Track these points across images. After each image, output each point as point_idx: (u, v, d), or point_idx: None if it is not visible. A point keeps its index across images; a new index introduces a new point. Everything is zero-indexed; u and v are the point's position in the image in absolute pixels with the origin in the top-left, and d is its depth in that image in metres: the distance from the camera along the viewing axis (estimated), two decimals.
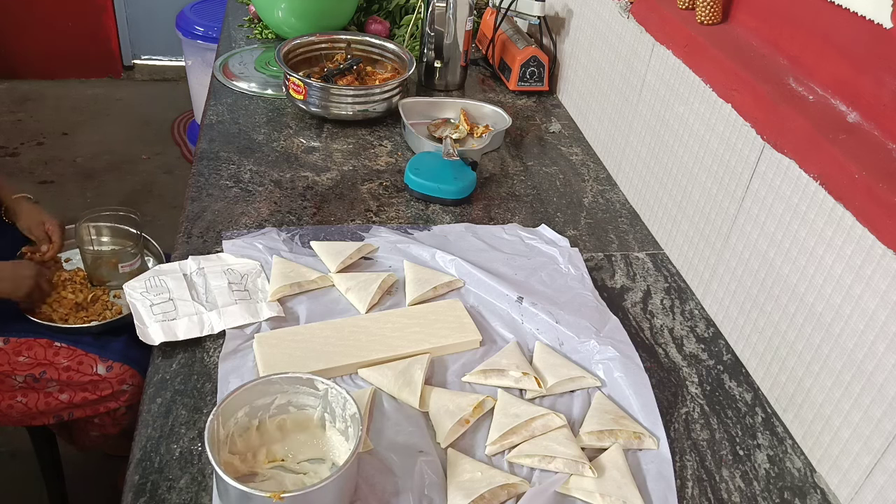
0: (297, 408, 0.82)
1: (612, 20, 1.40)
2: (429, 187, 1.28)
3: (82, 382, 1.35)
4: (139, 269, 1.43)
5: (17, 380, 1.33)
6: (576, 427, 0.89)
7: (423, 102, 1.59)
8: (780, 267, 0.94)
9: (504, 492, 0.80)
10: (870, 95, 0.84)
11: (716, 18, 1.11)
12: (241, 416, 0.79)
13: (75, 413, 1.38)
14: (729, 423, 0.94)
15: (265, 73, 1.72)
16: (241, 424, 0.80)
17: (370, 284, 1.05)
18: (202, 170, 1.33)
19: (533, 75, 1.70)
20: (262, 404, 0.80)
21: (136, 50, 3.89)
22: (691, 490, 0.84)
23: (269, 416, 0.81)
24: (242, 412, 0.79)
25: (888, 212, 0.75)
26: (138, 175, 3.09)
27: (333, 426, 0.82)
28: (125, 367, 1.36)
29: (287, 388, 0.81)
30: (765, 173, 0.96)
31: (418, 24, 1.85)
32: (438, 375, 0.96)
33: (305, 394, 0.81)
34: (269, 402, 0.81)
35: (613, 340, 1.00)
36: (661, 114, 1.22)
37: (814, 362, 0.88)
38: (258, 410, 0.80)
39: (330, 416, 0.82)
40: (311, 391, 0.80)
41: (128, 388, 1.37)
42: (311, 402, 0.82)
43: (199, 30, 2.81)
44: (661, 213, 1.25)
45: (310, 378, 0.79)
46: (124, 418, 1.45)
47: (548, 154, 1.51)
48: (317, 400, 0.81)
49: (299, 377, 0.79)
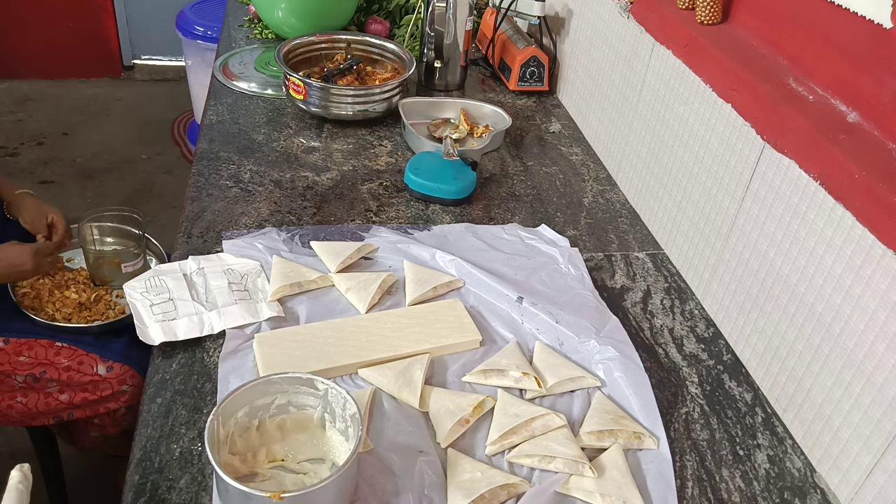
0: (298, 408, 0.82)
1: (612, 20, 1.40)
2: (429, 187, 1.28)
3: (82, 383, 1.35)
4: (142, 269, 1.43)
5: (17, 380, 1.33)
6: (576, 427, 0.89)
7: (423, 102, 1.59)
8: (780, 267, 0.94)
9: (504, 492, 0.80)
10: (870, 95, 0.84)
11: (716, 18, 1.11)
12: (242, 416, 0.79)
13: (75, 413, 1.38)
14: (729, 423, 0.94)
15: (265, 73, 1.72)
16: (241, 424, 0.80)
17: (370, 284, 1.05)
18: (202, 170, 1.33)
19: (533, 75, 1.70)
20: (262, 404, 0.80)
21: (136, 50, 3.89)
22: (691, 490, 0.84)
23: (269, 416, 0.81)
24: (242, 412, 0.79)
25: (888, 212, 0.75)
26: (138, 175, 3.09)
27: (333, 426, 0.82)
28: (125, 367, 1.36)
29: (287, 388, 0.81)
30: (765, 173, 0.96)
31: (418, 24, 1.85)
32: (438, 375, 0.96)
33: (305, 394, 0.81)
34: (269, 402, 0.81)
35: (613, 340, 1.00)
36: (661, 114, 1.22)
37: (814, 362, 0.88)
38: (258, 410, 0.80)
39: (330, 417, 0.82)
40: (312, 391, 0.80)
41: (128, 389, 1.37)
42: (312, 402, 0.82)
43: (199, 30, 2.81)
44: (661, 213, 1.25)
45: (310, 378, 0.79)
46: (124, 419, 1.45)
47: (548, 154, 1.51)
48: (317, 400, 0.81)
49: (299, 377, 0.79)
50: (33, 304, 1.38)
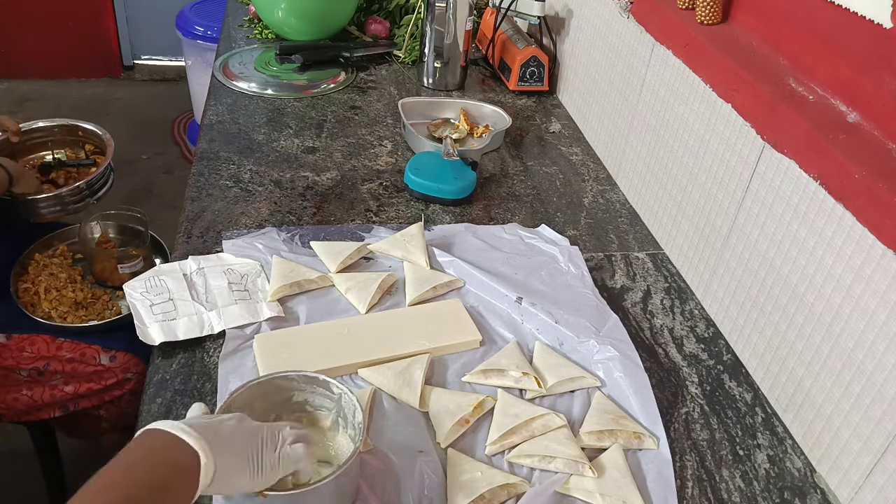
0: (314, 408, 0.82)
1: (612, 20, 1.40)
2: (429, 187, 1.28)
3: (87, 373, 1.35)
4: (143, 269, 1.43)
5: (21, 374, 1.34)
6: (576, 427, 0.89)
7: (423, 102, 1.59)
8: (780, 267, 0.94)
9: (504, 492, 0.80)
10: (870, 95, 0.84)
11: (716, 18, 1.11)
12: (258, 408, 0.78)
13: (81, 403, 1.39)
14: (729, 423, 0.94)
15: (265, 73, 1.72)
16: (257, 416, 0.79)
17: (370, 284, 1.05)
18: (202, 170, 1.33)
19: (533, 75, 1.70)
20: (280, 400, 0.80)
21: (136, 50, 3.89)
22: (691, 490, 0.84)
23: (286, 411, 0.81)
24: (259, 404, 0.79)
25: (888, 212, 0.75)
26: (138, 175, 3.08)
27: (346, 432, 0.81)
28: (128, 355, 1.37)
29: (304, 387, 0.81)
30: (765, 173, 0.96)
31: (418, 24, 1.85)
32: (438, 375, 0.96)
33: (322, 395, 0.81)
34: (287, 398, 0.81)
35: (613, 340, 1.00)
36: (661, 114, 1.22)
37: (814, 362, 0.88)
38: (276, 405, 0.80)
39: (343, 422, 0.81)
40: (328, 393, 0.81)
41: (132, 377, 1.38)
42: (328, 404, 0.82)
43: (199, 30, 2.81)
44: (661, 213, 1.25)
45: (326, 380, 0.79)
46: (129, 406, 1.45)
47: (548, 154, 1.51)
48: (332, 403, 0.81)
49: (317, 377, 0.80)
50: (32, 301, 1.38)
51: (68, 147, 1.62)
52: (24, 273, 1.44)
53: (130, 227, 1.55)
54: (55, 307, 1.38)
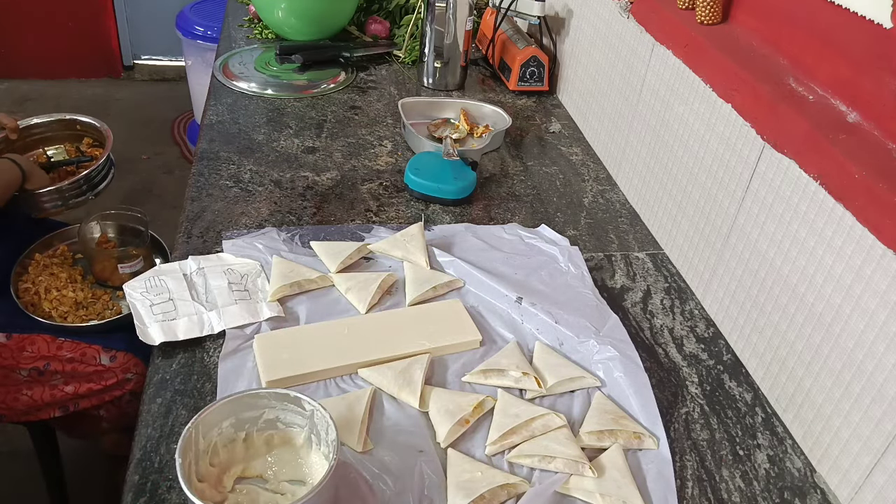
0: (286, 425, 0.79)
1: (612, 20, 1.40)
2: (429, 187, 1.28)
3: (87, 373, 1.35)
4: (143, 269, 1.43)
5: (21, 374, 1.34)
6: (576, 427, 0.89)
7: (423, 102, 1.59)
8: (780, 267, 0.94)
9: (504, 492, 0.80)
10: (870, 95, 0.84)
11: (716, 18, 1.11)
12: (227, 427, 0.76)
13: (81, 403, 1.39)
14: (729, 423, 0.94)
15: (265, 73, 1.72)
16: (225, 435, 0.77)
17: (370, 284, 1.05)
18: (202, 170, 1.33)
19: (533, 75, 1.70)
20: (249, 417, 0.77)
21: (136, 50, 3.89)
22: (691, 490, 0.84)
23: (256, 429, 0.79)
24: (228, 423, 0.76)
25: (888, 212, 0.75)
26: (138, 175, 3.08)
27: (319, 449, 0.79)
28: (128, 355, 1.37)
29: (275, 404, 0.78)
30: (765, 173, 0.96)
31: (418, 24, 1.85)
32: (438, 375, 0.96)
33: (293, 412, 0.78)
34: (256, 416, 0.78)
35: (613, 340, 1.00)
36: (661, 114, 1.22)
37: (814, 362, 0.88)
38: (245, 423, 0.78)
39: (316, 439, 0.78)
40: (299, 410, 0.77)
41: (132, 377, 1.38)
42: (300, 420, 0.79)
43: (199, 30, 2.81)
44: (661, 213, 1.25)
45: (297, 396, 0.76)
46: (130, 406, 1.45)
47: (548, 154, 1.51)
48: (304, 420, 0.78)
49: (287, 394, 0.76)
50: (32, 300, 1.38)
51: (67, 142, 1.62)
52: (24, 273, 1.44)
53: (130, 226, 1.55)
54: (55, 307, 1.38)
